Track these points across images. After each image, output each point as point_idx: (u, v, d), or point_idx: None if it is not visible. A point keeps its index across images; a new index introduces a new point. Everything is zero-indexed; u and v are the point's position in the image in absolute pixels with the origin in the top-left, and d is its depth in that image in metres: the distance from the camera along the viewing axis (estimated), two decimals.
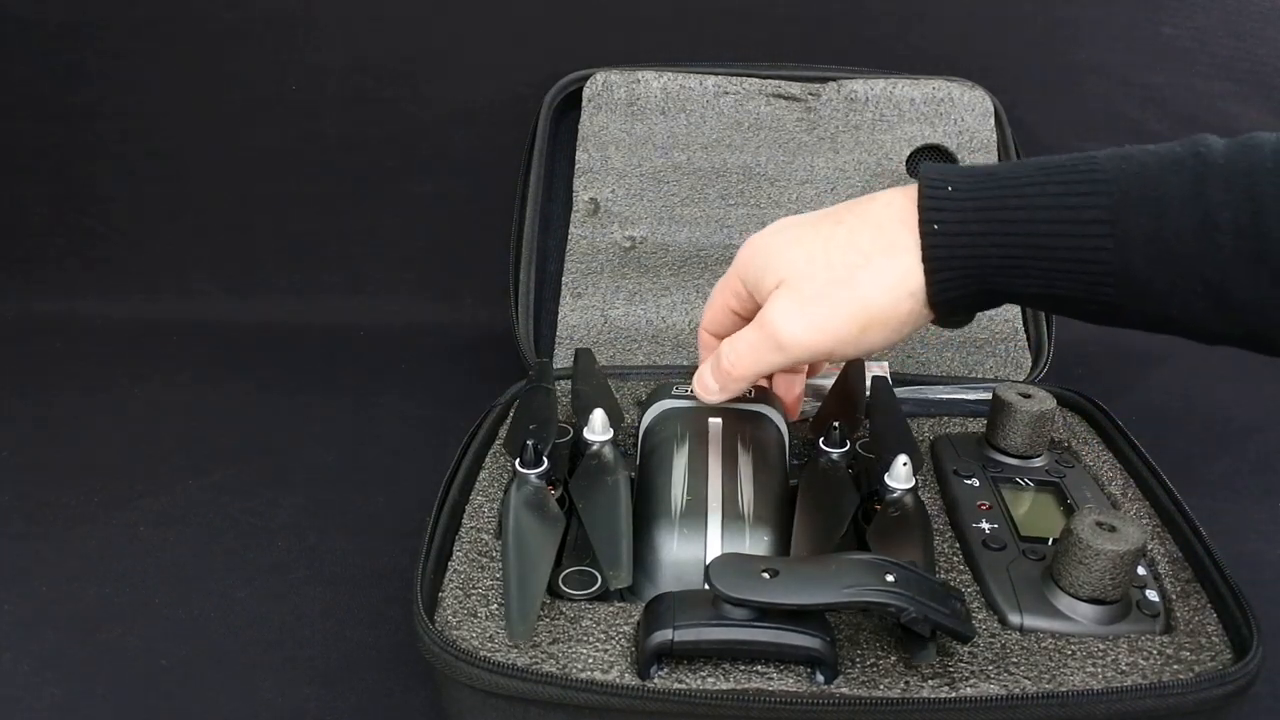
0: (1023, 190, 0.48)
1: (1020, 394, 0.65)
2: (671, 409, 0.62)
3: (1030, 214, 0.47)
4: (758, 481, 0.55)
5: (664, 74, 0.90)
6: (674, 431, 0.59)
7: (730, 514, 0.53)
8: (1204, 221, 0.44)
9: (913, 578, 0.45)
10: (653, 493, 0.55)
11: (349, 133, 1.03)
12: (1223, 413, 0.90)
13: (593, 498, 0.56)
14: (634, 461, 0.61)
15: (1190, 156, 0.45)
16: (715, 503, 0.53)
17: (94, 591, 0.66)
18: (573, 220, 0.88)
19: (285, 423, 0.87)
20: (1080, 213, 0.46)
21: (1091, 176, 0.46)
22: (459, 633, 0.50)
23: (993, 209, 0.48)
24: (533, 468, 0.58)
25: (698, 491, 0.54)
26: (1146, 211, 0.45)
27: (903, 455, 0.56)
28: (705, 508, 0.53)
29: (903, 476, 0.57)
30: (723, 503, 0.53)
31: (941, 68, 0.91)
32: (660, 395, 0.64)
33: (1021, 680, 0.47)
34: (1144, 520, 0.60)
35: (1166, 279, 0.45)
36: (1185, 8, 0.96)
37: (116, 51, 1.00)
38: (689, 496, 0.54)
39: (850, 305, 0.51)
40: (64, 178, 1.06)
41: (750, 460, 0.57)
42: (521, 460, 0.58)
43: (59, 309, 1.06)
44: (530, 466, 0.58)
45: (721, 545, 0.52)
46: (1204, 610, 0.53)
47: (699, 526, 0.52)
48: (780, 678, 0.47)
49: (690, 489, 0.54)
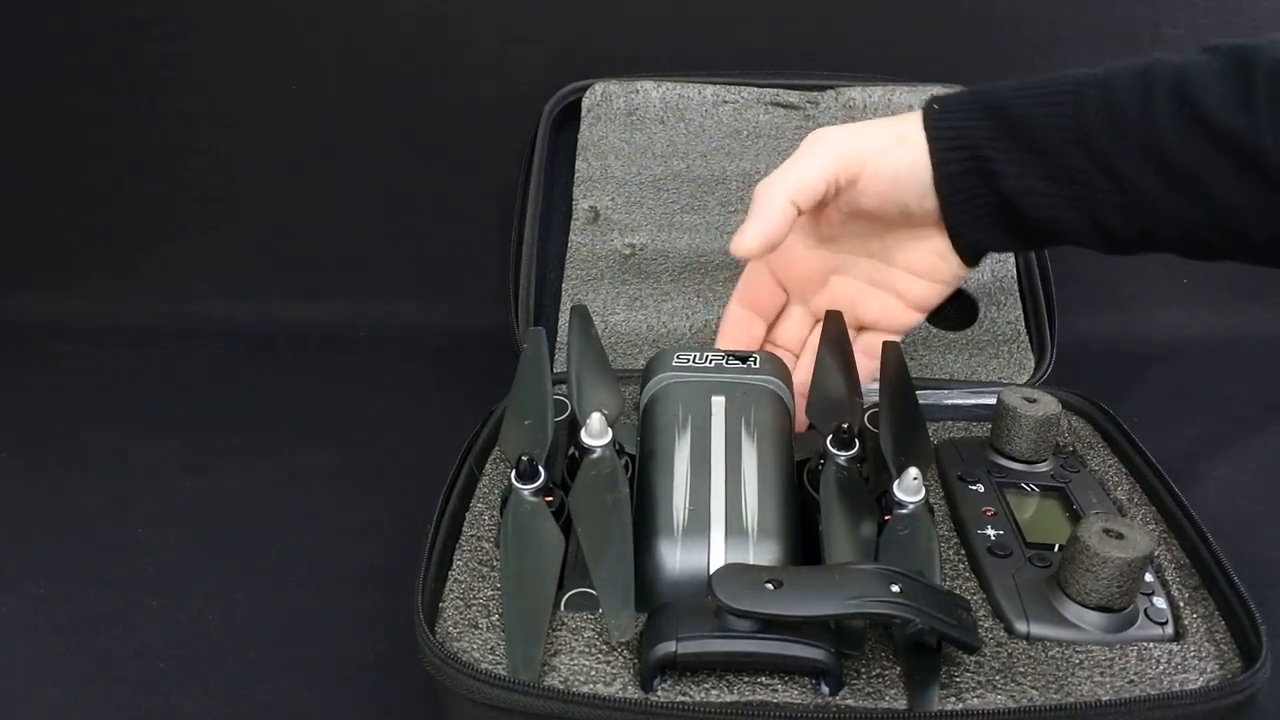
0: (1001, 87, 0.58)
1: (1025, 398, 0.65)
2: (672, 384, 0.60)
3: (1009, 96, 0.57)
4: (762, 481, 0.54)
5: (663, 84, 0.90)
6: (675, 415, 0.58)
7: (734, 528, 0.51)
8: (1145, 93, 0.53)
9: (918, 588, 0.45)
10: (654, 496, 0.54)
11: (349, 133, 1.02)
12: (1225, 414, 0.90)
13: (592, 525, 0.53)
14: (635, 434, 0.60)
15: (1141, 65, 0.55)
16: (719, 514, 0.52)
17: (93, 592, 0.66)
18: (572, 228, 0.88)
19: (285, 423, 0.87)
20: (1046, 89, 0.56)
21: (1057, 77, 0.57)
22: (460, 644, 0.49)
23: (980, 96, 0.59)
24: (529, 482, 0.56)
25: (700, 500, 0.53)
26: (1098, 86, 0.55)
27: (913, 469, 0.54)
28: (708, 521, 0.52)
29: (912, 490, 0.55)
30: (726, 513, 0.52)
31: (938, 74, 0.91)
32: (660, 366, 0.62)
33: (1029, 690, 0.47)
34: (1150, 526, 0.60)
35: (1117, 144, 0.54)
36: (1185, 8, 0.96)
37: (116, 51, 1.00)
38: (691, 507, 0.52)
39: (885, 124, 0.60)
40: (64, 178, 1.05)
41: (755, 454, 0.55)
42: (517, 473, 0.56)
43: (59, 309, 1.05)
44: (527, 481, 0.56)
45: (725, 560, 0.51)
46: (1212, 618, 0.52)
47: (701, 543, 0.51)
48: (785, 689, 0.46)
49: (693, 495, 0.53)
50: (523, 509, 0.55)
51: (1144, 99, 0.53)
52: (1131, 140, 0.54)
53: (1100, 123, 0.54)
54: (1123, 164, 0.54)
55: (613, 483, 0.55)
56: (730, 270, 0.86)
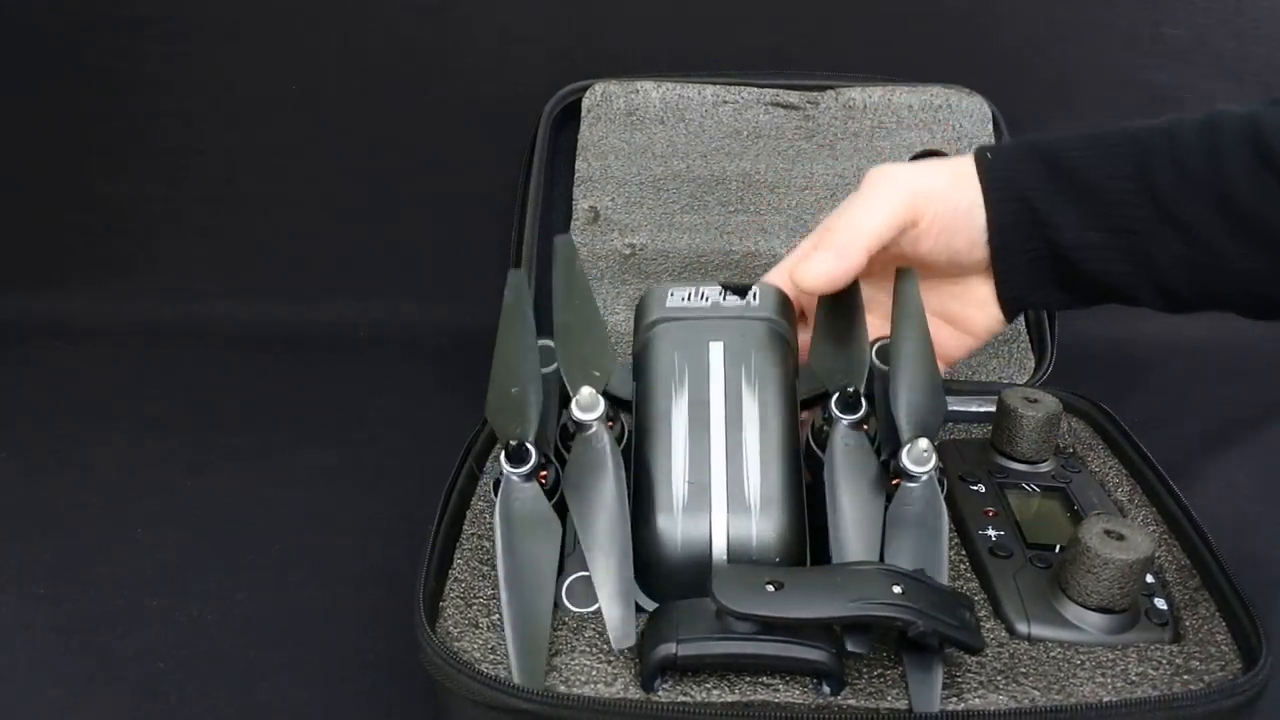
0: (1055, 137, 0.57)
1: (1026, 399, 0.65)
2: (667, 328, 0.57)
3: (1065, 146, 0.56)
4: (765, 446, 0.51)
5: (663, 84, 0.90)
6: (671, 366, 0.54)
7: (736, 502, 0.50)
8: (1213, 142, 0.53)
9: (921, 588, 0.45)
10: (652, 468, 0.52)
11: (349, 133, 1.02)
12: (1225, 414, 0.90)
13: (588, 518, 0.51)
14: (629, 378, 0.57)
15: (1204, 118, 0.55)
16: (719, 487, 0.50)
17: (92, 593, 0.66)
18: (572, 228, 0.88)
19: (285, 423, 0.87)
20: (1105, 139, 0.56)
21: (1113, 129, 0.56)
22: (460, 644, 0.49)
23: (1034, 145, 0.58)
24: (520, 464, 0.52)
25: (699, 472, 0.51)
26: (1162, 135, 0.54)
27: (924, 440, 0.51)
28: (709, 495, 0.50)
29: (922, 460, 0.51)
30: (727, 486, 0.50)
31: (938, 74, 0.91)
32: (653, 307, 0.58)
33: (1030, 691, 0.47)
34: (1151, 527, 0.60)
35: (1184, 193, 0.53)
36: (1185, 8, 0.96)
37: (116, 51, 1.00)
38: (690, 480, 0.51)
39: (943, 164, 0.59)
40: (64, 178, 1.05)
41: (757, 413, 0.52)
42: (507, 455, 0.52)
43: (59, 309, 1.05)
44: (518, 464, 0.52)
45: (728, 538, 0.49)
46: (1213, 619, 0.52)
47: (702, 519, 0.50)
48: (786, 690, 0.46)
49: (691, 467, 0.51)
50: (514, 499, 0.52)
51: (1212, 147, 0.53)
52: (1199, 188, 0.53)
53: (1167, 171, 0.54)
54: (1189, 212, 0.53)
55: (606, 465, 0.53)
56: (730, 270, 0.86)
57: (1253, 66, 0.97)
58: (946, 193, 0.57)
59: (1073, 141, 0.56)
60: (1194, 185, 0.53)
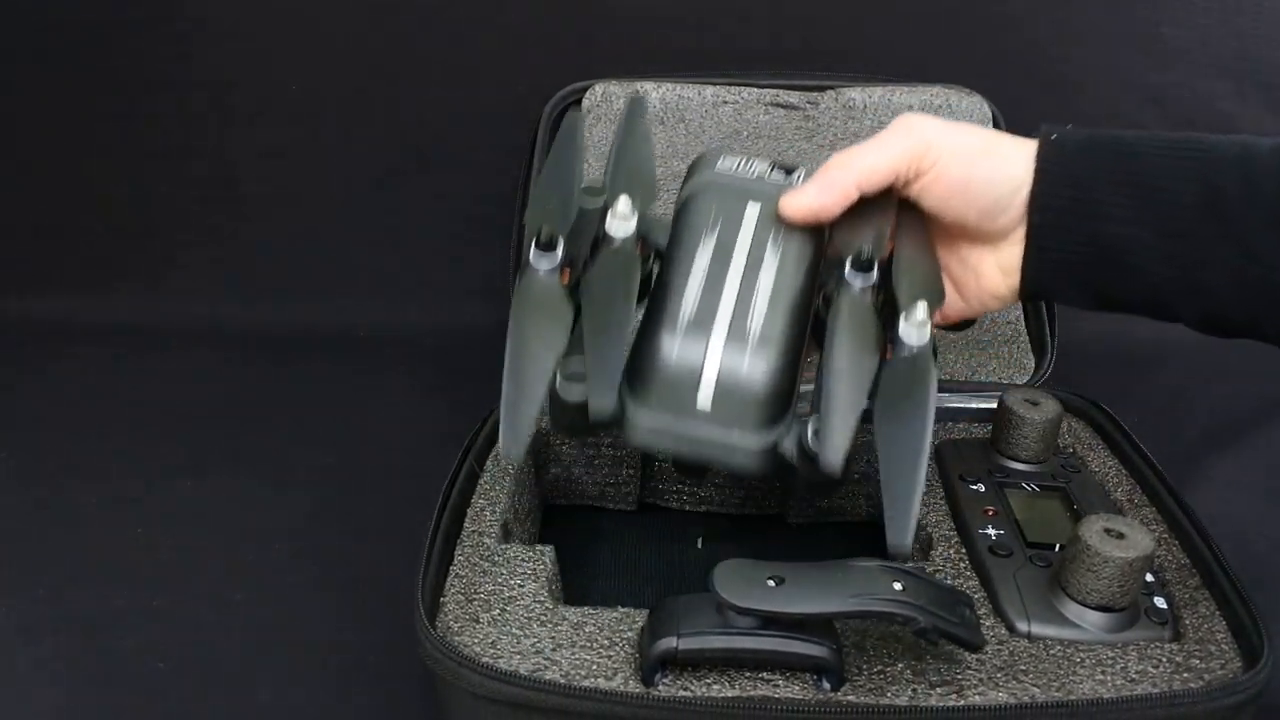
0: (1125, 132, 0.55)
1: (1026, 400, 0.65)
2: (711, 185, 0.57)
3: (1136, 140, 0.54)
4: (776, 292, 0.52)
5: (662, 84, 0.90)
6: (707, 216, 0.55)
7: (736, 332, 0.50)
8: None
9: (921, 585, 0.45)
10: (668, 289, 0.52)
11: (349, 133, 1.02)
12: (1225, 414, 0.90)
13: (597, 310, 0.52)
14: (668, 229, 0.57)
15: None
16: (725, 314, 0.50)
17: (92, 593, 0.66)
18: None
19: (285, 423, 0.87)
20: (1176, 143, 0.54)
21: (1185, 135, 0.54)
22: (460, 639, 0.50)
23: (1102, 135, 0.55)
24: (548, 251, 0.53)
25: (710, 299, 0.51)
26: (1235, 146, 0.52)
27: (923, 301, 0.50)
28: (713, 319, 0.50)
29: (918, 327, 0.50)
30: (732, 315, 0.50)
31: (938, 74, 0.91)
32: (703, 167, 0.59)
33: (1030, 688, 0.47)
34: (1151, 526, 0.60)
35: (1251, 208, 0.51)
36: (1185, 8, 0.96)
37: (116, 51, 1.00)
38: (700, 303, 0.51)
39: (979, 132, 0.57)
40: (64, 178, 1.05)
41: (775, 265, 0.53)
42: (537, 243, 0.53)
43: (59, 309, 1.05)
44: (546, 250, 0.53)
45: (720, 365, 0.49)
46: (1213, 618, 0.52)
47: (700, 340, 0.50)
48: (786, 685, 0.46)
49: (704, 294, 0.51)
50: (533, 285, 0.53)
51: None
52: (1271, 209, 0.51)
53: (1237, 186, 0.51)
54: (1255, 232, 0.51)
55: (628, 272, 0.53)
56: None
57: (1252, 66, 0.97)
58: (967, 158, 0.56)
59: (1138, 135, 0.55)
60: (1265, 205, 0.51)
